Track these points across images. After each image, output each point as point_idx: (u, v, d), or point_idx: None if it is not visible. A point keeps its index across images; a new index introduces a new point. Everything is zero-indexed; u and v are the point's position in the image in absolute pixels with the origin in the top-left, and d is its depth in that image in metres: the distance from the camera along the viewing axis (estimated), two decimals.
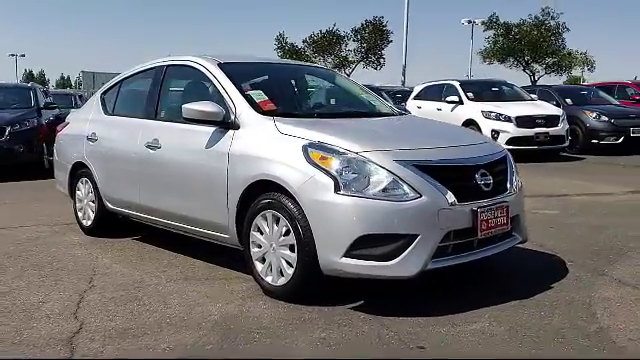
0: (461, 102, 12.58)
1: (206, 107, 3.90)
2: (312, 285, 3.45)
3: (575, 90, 15.03)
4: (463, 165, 3.50)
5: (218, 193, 3.87)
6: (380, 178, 3.23)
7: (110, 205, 5.14)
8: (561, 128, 11.80)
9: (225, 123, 3.92)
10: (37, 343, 3.00)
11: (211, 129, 3.99)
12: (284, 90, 4.65)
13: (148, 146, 4.49)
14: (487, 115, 11.86)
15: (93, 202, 5.34)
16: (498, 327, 3.12)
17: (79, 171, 5.51)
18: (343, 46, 32.05)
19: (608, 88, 15.78)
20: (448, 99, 12.77)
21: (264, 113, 3.89)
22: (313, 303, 3.45)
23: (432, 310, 3.34)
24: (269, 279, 3.61)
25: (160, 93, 4.71)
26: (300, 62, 5.53)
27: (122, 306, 3.53)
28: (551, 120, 11.78)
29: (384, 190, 3.21)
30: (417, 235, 3.19)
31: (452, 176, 3.37)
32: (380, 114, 4.57)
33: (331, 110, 4.61)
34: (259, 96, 4.03)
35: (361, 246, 3.19)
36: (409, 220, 3.19)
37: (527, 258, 4.42)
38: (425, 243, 3.20)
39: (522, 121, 11.56)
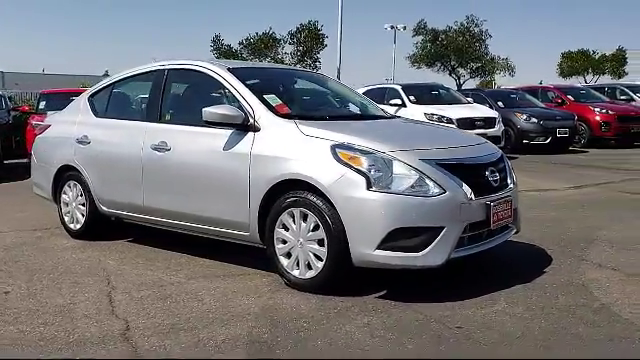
0: (404, 105, 13.10)
1: (227, 110, 4.06)
2: (341, 277, 3.69)
3: (505, 94, 16.01)
4: (476, 163, 3.87)
5: (239, 192, 4.03)
6: (408, 175, 3.52)
7: (104, 208, 5.14)
8: (497, 129, 12.57)
9: (244, 126, 4.08)
10: (93, 341, 3.08)
11: (229, 131, 4.14)
12: (290, 94, 4.85)
13: (155, 148, 4.57)
14: (430, 117, 12.42)
15: (83, 205, 5.32)
16: (516, 308, 3.49)
17: (66, 174, 5.46)
18: (280, 49, 32.48)
19: (532, 91, 16.89)
20: (392, 102, 13.23)
21: (281, 116, 4.10)
22: (339, 294, 3.69)
23: (451, 296, 3.66)
24: (296, 273, 3.82)
25: (163, 96, 4.78)
26: (294, 67, 5.74)
27: (156, 304, 3.63)
28: (488, 122, 12.54)
29: (412, 187, 3.51)
30: (443, 227, 3.51)
31: (468, 173, 3.72)
32: (378, 117, 4.88)
33: (338, 113, 4.86)
34: (274, 100, 4.23)
35: (393, 239, 3.48)
36: (436, 214, 3.51)
37: (512, 248, 4.83)
38: (449, 235, 3.53)
39: (463, 123, 12.20)
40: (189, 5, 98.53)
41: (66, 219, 5.52)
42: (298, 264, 3.82)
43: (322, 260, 3.69)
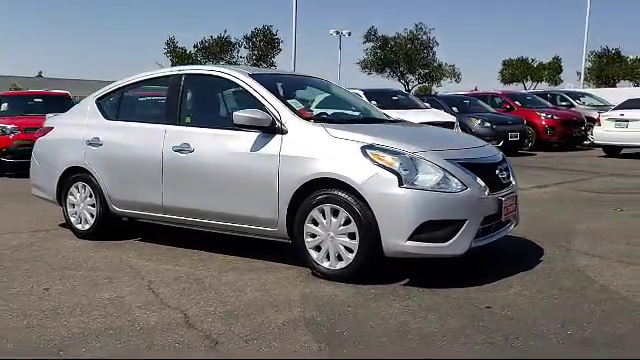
0: None
1: (256, 114, 4.33)
2: (371, 267, 4.04)
3: (459, 99, 16.78)
4: (489, 162, 4.31)
5: (267, 191, 4.30)
6: (435, 173, 3.91)
7: (117, 208, 5.29)
8: None
9: (271, 128, 4.36)
10: (161, 328, 3.28)
11: (255, 134, 4.41)
12: (305, 99, 5.16)
13: (177, 150, 4.77)
14: None
15: (92, 206, 5.43)
16: (529, 290, 3.93)
17: (72, 176, 5.56)
18: (235, 52, 32.61)
19: (481, 97, 17.77)
20: None
21: (305, 119, 4.40)
22: (368, 282, 4.02)
23: (467, 282, 4.05)
24: (326, 264, 4.13)
25: (181, 100, 4.99)
26: (301, 73, 6.05)
27: (201, 295, 3.86)
28: (448, 126, 13.12)
29: (438, 184, 3.90)
30: (465, 220, 3.91)
31: (483, 171, 4.15)
32: (387, 120, 5.25)
33: (353, 117, 5.20)
34: (296, 104, 4.54)
35: (422, 231, 3.85)
36: (459, 208, 3.91)
37: (505, 240, 5.27)
38: (470, 226, 3.94)
39: None
40: (138, 7, 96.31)
41: (72, 220, 5.60)
42: (328, 256, 4.13)
43: (353, 252, 4.01)
